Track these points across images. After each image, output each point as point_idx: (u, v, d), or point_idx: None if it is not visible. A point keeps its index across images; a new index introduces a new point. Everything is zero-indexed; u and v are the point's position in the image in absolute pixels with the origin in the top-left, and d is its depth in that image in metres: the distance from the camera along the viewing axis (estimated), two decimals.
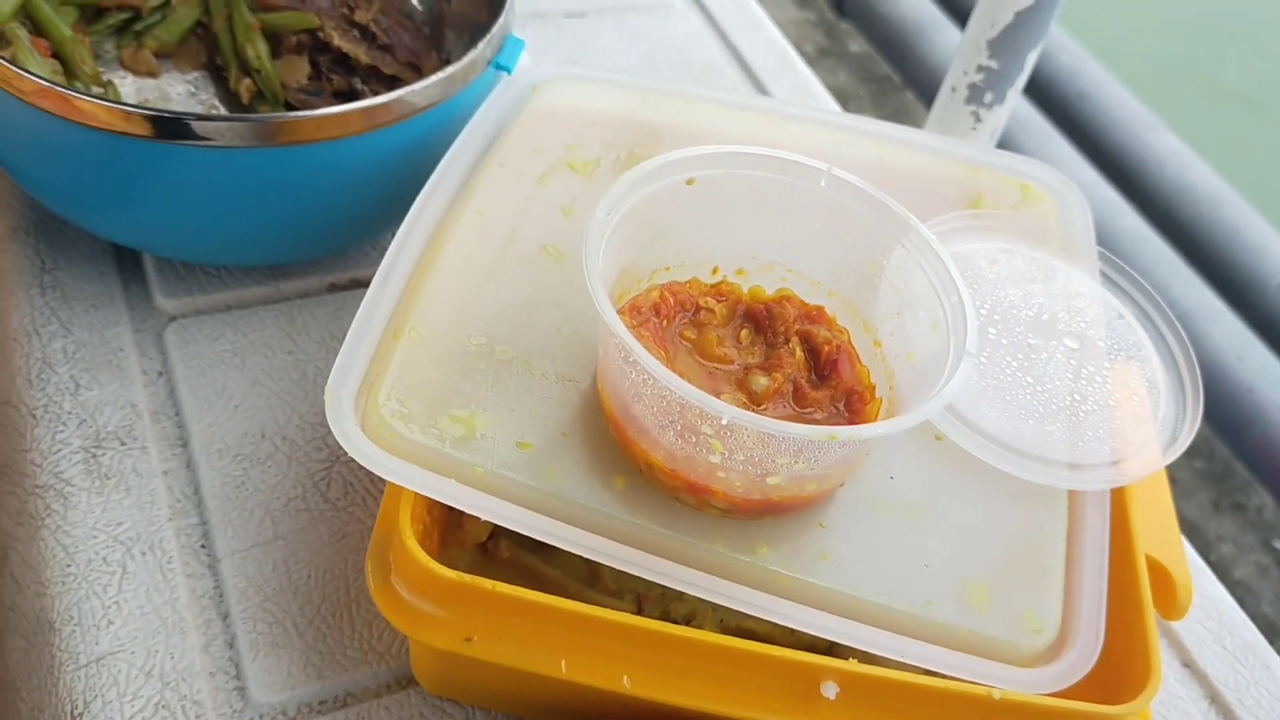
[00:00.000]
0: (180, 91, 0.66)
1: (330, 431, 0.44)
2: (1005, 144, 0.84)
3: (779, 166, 0.46)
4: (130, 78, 0.65)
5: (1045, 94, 1.47)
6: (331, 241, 0.61)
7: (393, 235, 0.48)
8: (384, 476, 0.40)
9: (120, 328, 0.57)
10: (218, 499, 0.51)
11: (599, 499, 0.41)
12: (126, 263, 0.60)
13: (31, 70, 0.56)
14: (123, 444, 0.52)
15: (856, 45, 1.80)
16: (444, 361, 0.44)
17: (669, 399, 0.38)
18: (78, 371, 0.55)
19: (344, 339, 0.56)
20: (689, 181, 0.46)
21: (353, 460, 0.45)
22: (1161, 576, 0.47)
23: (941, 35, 1.50)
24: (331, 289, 0.61)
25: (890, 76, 1.74)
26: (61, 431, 0.52)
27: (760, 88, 0.81)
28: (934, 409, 0.38)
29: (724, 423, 0.37)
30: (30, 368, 0.55)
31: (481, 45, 0.57)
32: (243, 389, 0.56)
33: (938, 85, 1.51)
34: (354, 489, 0.53)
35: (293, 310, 0.59)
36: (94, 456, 0.52)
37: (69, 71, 0.62)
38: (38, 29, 0.62)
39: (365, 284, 0.62)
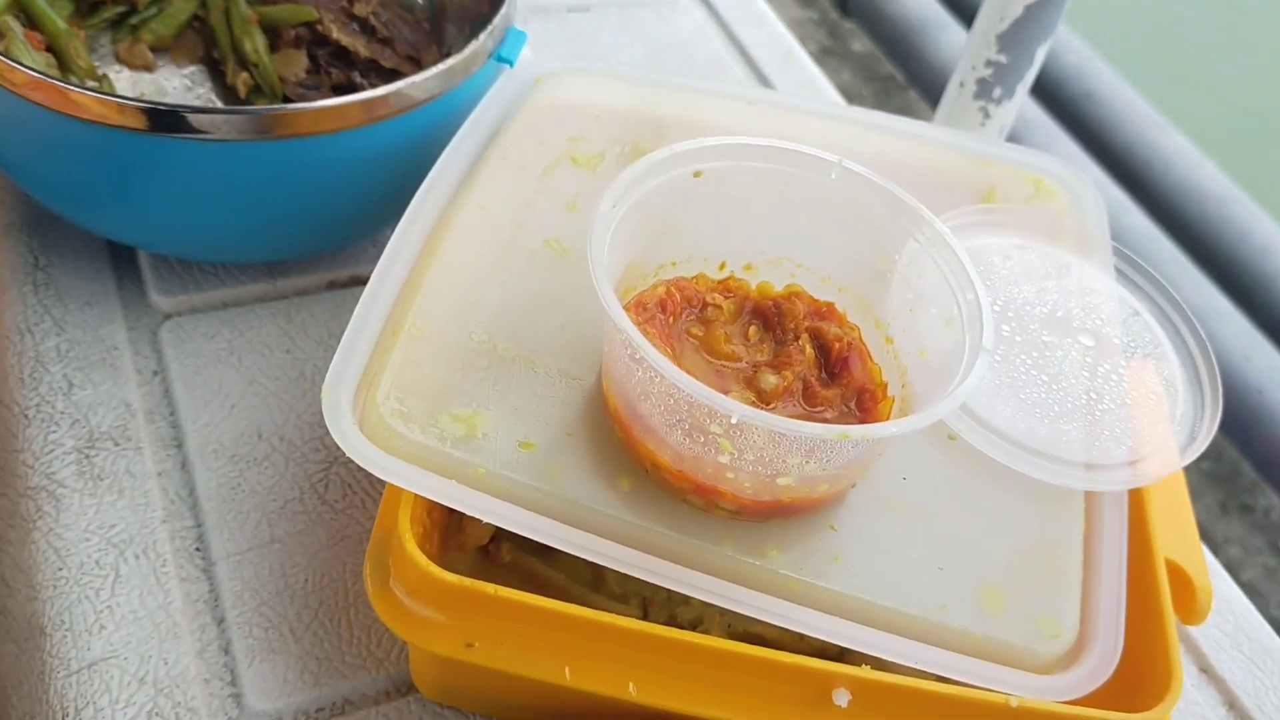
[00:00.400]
0: (176, 85, 0.65)
1: (328, 432, 0.43)
2: (1011, 143, 0.83)
3: (788, 158, 0.45)
4: (126, 72, 0.64)
5: (1052, 93, 1.46)
6: (330, 238, 0.60)
7: (393, 232, 0.46)
8: (383, 477, 0.39)
9: (114, 326, 0.56)
10: (213, 501, 0.50)
11: (604, 500, 0.40)
12: (121, 260, 0.59)
13: (24, 63, 0.55)
14: (116, 444, 0.51)
15: (859, 44, 1.78)
16: (445, 359, 0.43)
17: (677, 397, 0.37)
18: (71, 370, 0.54)
19: (343, 336, 0.55)
20: (696, 174, 0.45)
21: (351, 461, 0.44)
22: (1181, 580, 0.45)
23: (946, 34, 1.49)
24: (330, 286, 0.60)
25: (894, 76, 1.73)
26: (54, 432, 0.51)
27: (765, 83, 0.80)
28: (949, 407, 0.37)
29: (733, 422, 0.36)
30: (23, 366, 0.53)
31: (483, 37, 0.56)
32: (239, 388, 0.54)
33: (942, 84, 1.50)
34: (352, 490, 0.52)
35: (290, 308, 0.58)
36: (87, 457, 0.51)
37: (63, 65, 0.61)
38: (31, 22, 0.61)
39: (365, 281, 0.60)
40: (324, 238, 0.59)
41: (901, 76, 1.63)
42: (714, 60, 0.80)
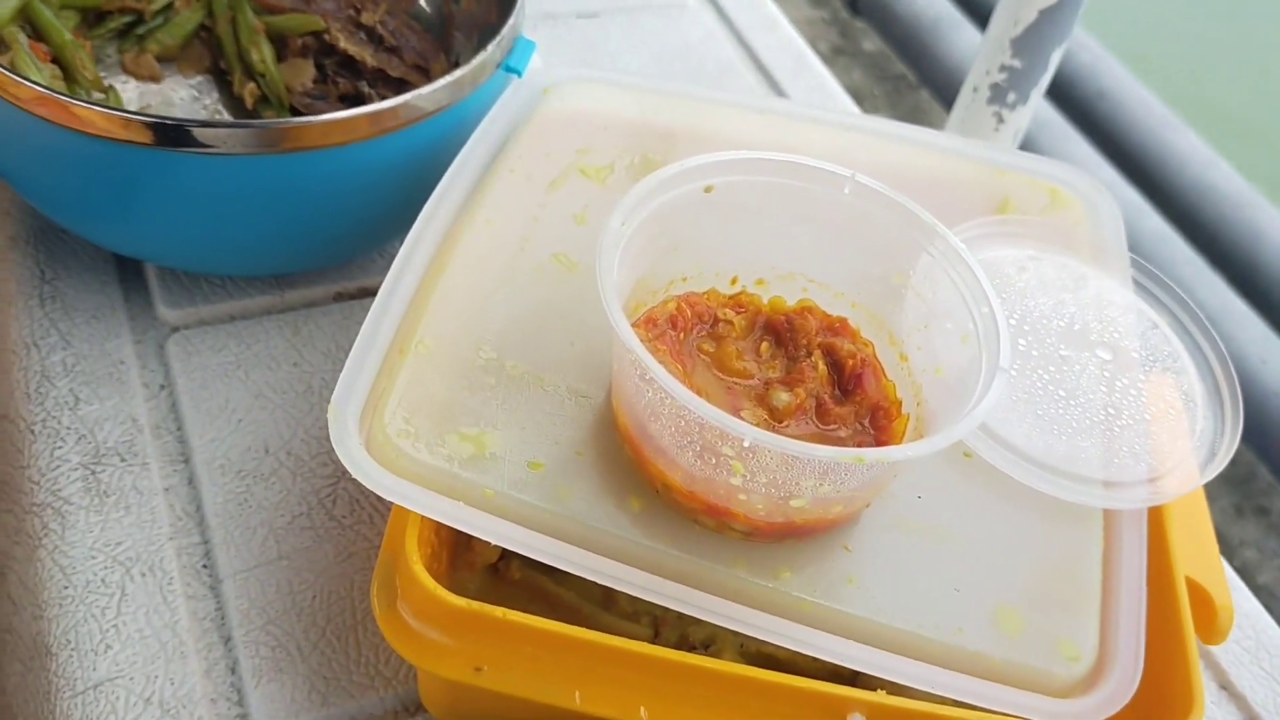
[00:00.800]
0: (183, 96, 0.64)
1: None
2: (1024, 145, 0.82)
3: (801, 173, 0.44)
4: (133, 83, 0.64)
5: (1064, 93, 1.45)
6: (338, 250, 0.59)
7: (400, 243, 0.46)
8: (390, 499, 0.38)
9: (121, 339, 0.56)
10: (220, 517, 0.50)
11: (614, 521, 0.39)
12: (128, 272, 0.59)
13: (30, 77, 0.54)
14: (123, 460, 0.51)
15: (871, 44, 1.77)
16: (452, 377, 0.43)
17: (687, 418, 0.37)
18: (77, 385, 0.53)
19: (350, 350, 0.55)
20: (707, 189, 0.44)
21: None
22: (1201, 599, 0.45)
23: (959, 33, 1.47)
24: (338, 298, 0.60)
25: (905, 75, 1.72)
26: (60, 448, 0.51)
27: (776, 88, 0.79)
28: (967, 429, 0.36)
29: (746, 444, 0.35)
30: (29, 381, 0.53)
31: (491, 47, 0.55)
32: (246, 402, 0.54)
33: (955, 84, 1.49)
34: (360, 505, 0.51)
35: (298, 321, 0.58)
36: (93, 473, 0.50)
37: (69, 77, 0.61)
38: (37, 33, 0.61)
39: (372, 293, 0.60)
40: (331, 250, 0.59)
41: (913, 76, 1.62)
42: (724, 66, 0.80)
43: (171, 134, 0.49)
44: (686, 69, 0.79)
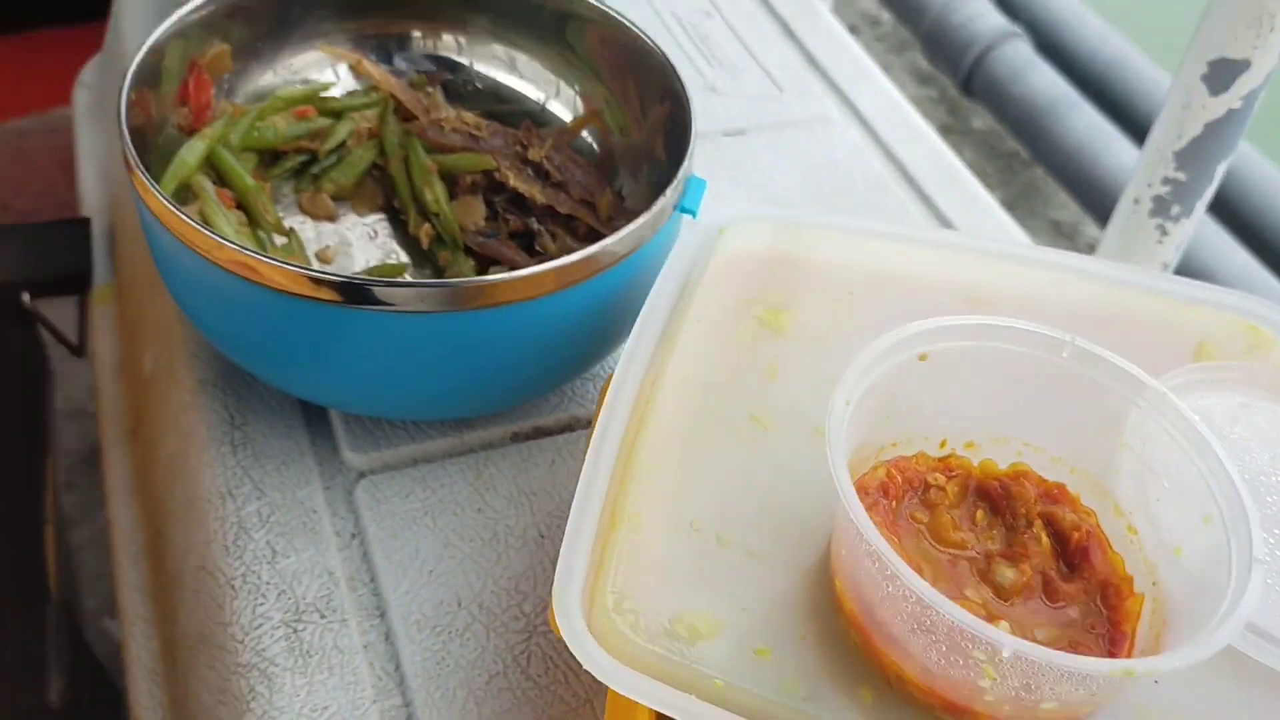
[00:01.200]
0: (359, 235, 0.66)
1: (525, 599, 0.42)
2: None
3: (1018, 338, 0.43)
4: (309, 222, 0.66)
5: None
6: (517, 396, 0.59)
7: (577, 385, 0.46)
8: (625, 694, 0.38)
9: (311, 487, 0.56)
10: (420, 677, 0.50)
11: (845, 715, 0.38)
12: (313, 416, 0.60)
13: (218, 226, 0.56)
14: (323, 616, 0.51)
15: (980, 121, 1.76)
16: (667, 554, 0.42)
17: (934, 619, 0.36)
18: (273, 537, 0.54)
19: (532, 494, 0.55)
20: (922, 357, 0.43)
21: (550, 631, 0.43)
22: None
23: (1076, 114, 1.45)
24: (514, 439, 0.60)
25: (1018, 153, 1.70)
26: (261, 604, 0.51)
27: (927, 202, 0.79)
28: (1233, 631, 0.35)
29: (1005, 656, 0.34)
30: (226, 533, 0.54)
31: (669, 191, 0.56)
32: (435, 551, 0.54)
33: (1072, 164, 1.46)
34: (554, 664, 0.51)
35: (478, 463, 0.58)
36: (295, 632, 0.51)
37: (252, 220, 0.63)
38: (221, 178, 0.63)
39: (548, 432, 0.61)
40: (511, 397, 0.59)
41: (1027, 154, 1.60)
42: (873, 180, 0.79)
43: (358, 293, 0.50)
44: (835, 184, 0.78)
